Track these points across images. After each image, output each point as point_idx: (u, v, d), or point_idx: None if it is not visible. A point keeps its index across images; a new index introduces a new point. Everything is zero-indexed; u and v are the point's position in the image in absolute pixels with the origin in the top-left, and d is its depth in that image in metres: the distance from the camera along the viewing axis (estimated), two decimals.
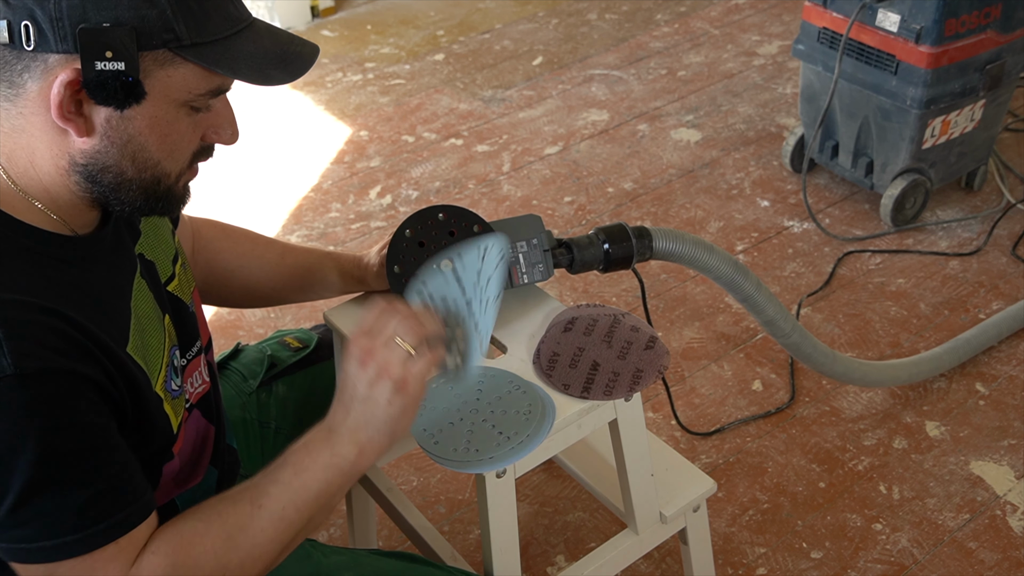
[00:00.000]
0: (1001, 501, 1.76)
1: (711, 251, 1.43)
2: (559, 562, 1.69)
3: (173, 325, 1.05)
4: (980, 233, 2.42)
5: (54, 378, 0.83)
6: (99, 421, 0.87)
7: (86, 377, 0.86)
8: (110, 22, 0.81)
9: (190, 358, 1.09)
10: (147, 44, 0.83)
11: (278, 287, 1.32)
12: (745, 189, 2.63)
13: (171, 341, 1.04)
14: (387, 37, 3.57)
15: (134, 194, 0.91)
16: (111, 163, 0.88)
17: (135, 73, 0.83)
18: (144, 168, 0.90)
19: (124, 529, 0.88)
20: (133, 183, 0.91)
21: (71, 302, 0.88)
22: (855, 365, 1.79)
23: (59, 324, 0.85)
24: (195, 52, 0.86)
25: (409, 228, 1.21)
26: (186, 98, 0.88)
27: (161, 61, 0.85)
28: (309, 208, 2.65)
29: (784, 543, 1.71)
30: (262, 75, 0.89)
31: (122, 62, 0.82)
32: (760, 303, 1.53)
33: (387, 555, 1.20)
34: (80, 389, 0.85)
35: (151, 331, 1.00)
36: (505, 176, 2.74)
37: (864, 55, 2.30)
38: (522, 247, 1.26)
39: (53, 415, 0.83)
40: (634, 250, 1.33)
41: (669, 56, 3.31)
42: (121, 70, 0.83)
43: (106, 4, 0.81)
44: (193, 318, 1.11)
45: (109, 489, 0.87)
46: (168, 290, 1.06)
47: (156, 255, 1.07)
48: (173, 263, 1.10)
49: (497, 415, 1.12)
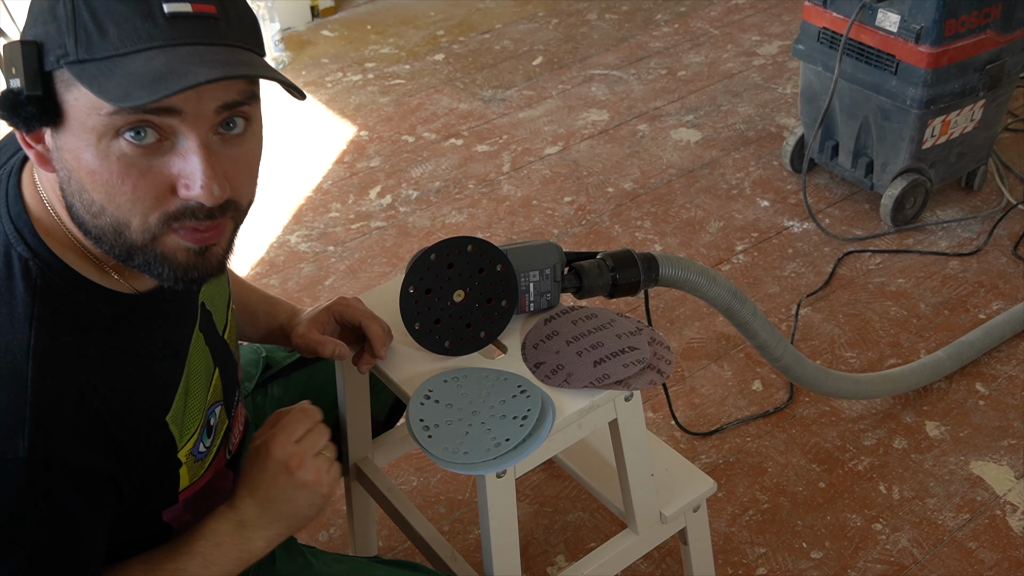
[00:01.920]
0: (1001, 501, 1.76)
1: (713, 280, 1.44)
2: (559, 562, 1.69)
3: (221, 379, 1.04)
4: (980, 233, 2.42)
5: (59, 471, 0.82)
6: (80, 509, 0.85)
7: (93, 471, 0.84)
8: (30, 38, 0.79)
9: (233, 411, 1.08)
10: (48, 62, 0.78)
11: None
12: (745, 189, 2.63)
13: (214, 398, 1.02)
14: (387, 37, 3.57)
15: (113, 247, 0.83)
16: (73, 202, 0.83)
17: (33, 90, 0.78)
18: (95, 213, 0.82)
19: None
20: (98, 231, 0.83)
21: (114, 372, 0.85)
22: (849, 382, 1.78)
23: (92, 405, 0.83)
24: (79, 69, 0.77)
25: (435, 253, 1.18)
26: (102, 124, 0.78)
27: (66, 82, 0.78)
28: (309, 208, 2.65)
29: (784, 543, 1.71)
30: (123, 94, 0.76)
31: (21, 78, 0.78)
32: (755, 328, 1.54)
33: (389, 564, 1.19)
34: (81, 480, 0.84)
35: (196, 392, 0.98)
36: (505, 176, 2.74)
37: (864, 55, 2.30)
38: (534, 276, 1.26)
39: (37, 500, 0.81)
40: (641, 279, 1.35)
41: (669, 56, 3.31)
42: (20, 87, 0.78)
43: (30, 20, 0.80)
44: (234, 365, 1.09)
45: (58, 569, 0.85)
46: (223, 337, 1.05)
47: (215, 304, 1.05)
48: (227, 308, 1.08)
49: (496, 419, 1.12)
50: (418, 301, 1.17)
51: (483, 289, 1.20)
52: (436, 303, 1.18)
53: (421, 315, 1.18)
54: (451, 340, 1.21)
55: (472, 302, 1.20)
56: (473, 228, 2.53)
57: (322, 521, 1.78)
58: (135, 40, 0.77)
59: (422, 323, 1.18)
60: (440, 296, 1.18)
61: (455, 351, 1.22)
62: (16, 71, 0.78)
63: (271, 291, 2.36)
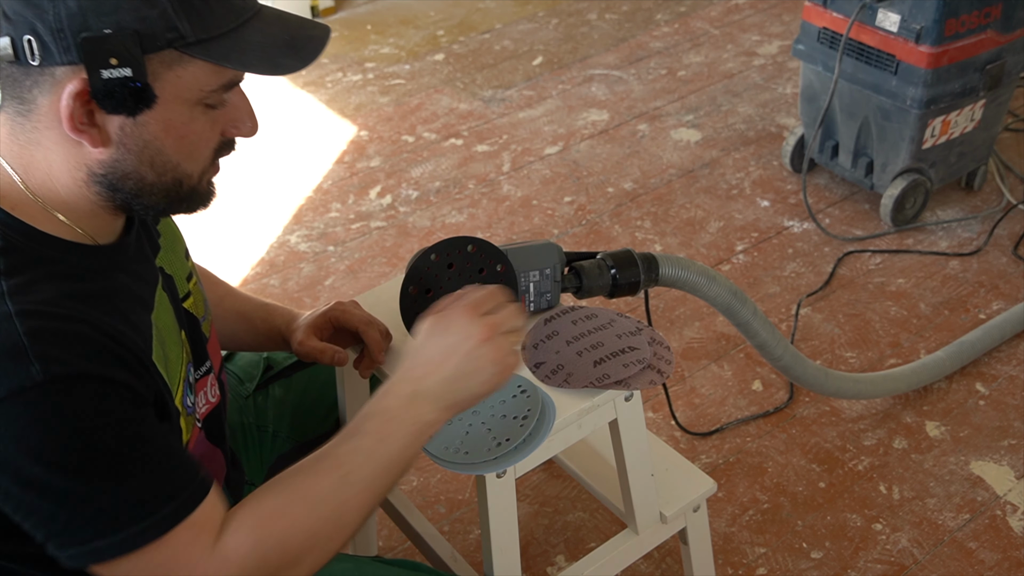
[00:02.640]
0: (1001, 501, 1.76)
1: (713, 280, 1.44)
2: (559, 562, 1.69)
3: (188, 342, 1.05)
4: (980, 233, 2.42)
5: (85, 383, 0.82)
6: (134, 414, 0.86)
7: (116, 381, 0.84)
8: (112, 28, 0.80)
9: (199, 376, 1.08)
10: (151, 46, 0.82)
11: None
12: (745, 189, 2.63)
13: (187, 357, 1.03)
14: (387, 37, 3.57)
15: (156, 198, 0.91)
16: (130, 170, 0.88)
17: (143, 78, 0.82)
18: (164, 172, 0.89)
19: (189, 508, 0.87)
20: (155, 187, 0.90)
21: (96, 311, 0.86)
22: (849, 382, 1.78)
23: (85, 330, 0.84)
24: (202, 49, 0.84)
25: (435, 253, 1.18)
26: (199, 96, 0.87)
27: (168, 62, 0.84)
28: (309, 208, 2.65)
29: (784, 543, 1.71)
30: (272, 64, 0.87)
31: (128, 68, 0.81)
32: (755, 328, 1.54)
33: (391, 563, 1.19)
34: (111, 391, 0.84)
35: (171, 344, 0.99)
36: (505, 176, 2.74)
37: (864, 55, 2.30)
38: (534, 276, 1.26)
39: (88, 417, 0.82)
40: (641, 279, 1.34)
41: (669, 56, 3.31)
42: (128, 76, 0.81)
43: (106, 10, 0.80)
44: (203, 339, 1.09)
45: (161, 475, 0.86)
46: (184, 307, 1.06)
47: (174, 270, 1.06)
48: (187, 280, 1.09)
49: (496, 419, 1.12)
50: (418, 301, 1.17)
51: None
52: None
53: (421, 315, 1.18)
54: None
55: None
56: (473, 228, 2.53)
57: None
58: (236, 14, 0.86)
59: None
60: (440, 296, 1.18)
61: None
62: (120, 61, 0.81)
63: (271, 291, 2.36)
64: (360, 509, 0.95)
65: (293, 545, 0.91)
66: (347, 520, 0.94)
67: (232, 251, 2.52)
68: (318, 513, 0.92)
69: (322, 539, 0.93)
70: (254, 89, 3.36)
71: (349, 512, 0.94)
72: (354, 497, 0.94)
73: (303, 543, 0.92)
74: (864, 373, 1.86)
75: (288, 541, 0.91)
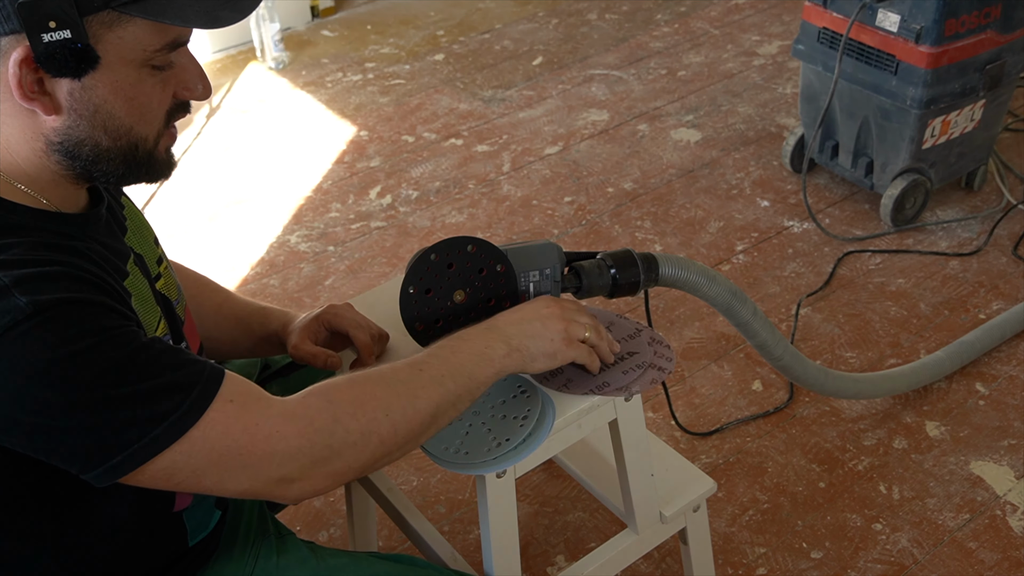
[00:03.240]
0: (1001, 501, 1.76)
1: (713, 280, 1.44)
2: (559, 562, 1.69)
3: (165, 319, 1.05)
4: (980, 233, 2.42)
5: (73, 305, 0.82)
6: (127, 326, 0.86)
7: (103, 304, 0.85)
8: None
9: None
10: (88, 7, 0.82)
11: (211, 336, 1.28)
12: (745, 189, 2.63)
13: (164, 330, 1.04)
14: (387, 37, 3.57)
15: (115, 164, 0.92)
16: (84, 136, 0.88)
17: (83, 38, 0.83)
18: (118, 136, 0.90)
19: (215, 385, 0.88)
20: (111, 153, 0.91)
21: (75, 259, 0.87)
22: (849, 382, 1.78)
23: (66, 270, 0.85)
24: (139, 7, 0.84)
25: (435, 253, 1.17)
26: (143, 56, 0.87)
27: (108, 23, 0.84)
28: (309, 208, 2.65)
29: (784, 543, 1.71)
30: (210, 17, 0.87)
31: (67, 29, 0.82)
32: (755, 328, 1.54)
33: (387, 558, 1.19)
34: (100, 310, 0.84)
35: (147, 313, 0.99)
36: (505, 176, 2.74)
37: (864, 55, 2.30)
38: (534, 276, 1.26)
39: (85, 334, 0.82)
40: (641, 279, 1.34)
41: (669, 56, 3.31)
42: (68, 38, 0.82)
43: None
44: (179, 320, 1.09)
45: (175, 366, 0.87)
46: (156, 287, 1.06)
47: (144, 251, 1.06)
48: (158, 264, 1.09)
49: (496, 419, 1.12)
50: (418, 301, 1.17)
51: (483, 289, 1.20)
52: (436, 303, 1.18)
53: (421, 315, 1.18)
54: None
55: (472, 302, 1.20)
56: (473, 228, 2.53)
57: (322, 521, 1.78)
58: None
59: (422, 323, 1.18)
60: (440, 296, 1.18)
61: None
62: (58, 23, 0.81)
63: (271, 291, 2.36)
64: (429, 402, 0.99)
65: (366, 411, 0.95)
66: (418, 407, 0.98)
67: (232, 251, 2.52)
68: (393, 391, 0.97)
69: (394, 414, 0.96)
70: (252, 88, 3.36)
71: (420, 400, 0.99)
72: (425, 387, 0.99)
73: (375, 412, 0.95)
74: (864, 373, 1.86)
75: (361, 407, 0.95)
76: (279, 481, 0.92)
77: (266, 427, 0.90)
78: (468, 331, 1.08)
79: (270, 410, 0.91)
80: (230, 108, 3.11)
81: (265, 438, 0.89)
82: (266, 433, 0.90)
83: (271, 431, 0.90)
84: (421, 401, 0.99)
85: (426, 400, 0.99)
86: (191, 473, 0.88)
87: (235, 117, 3.06)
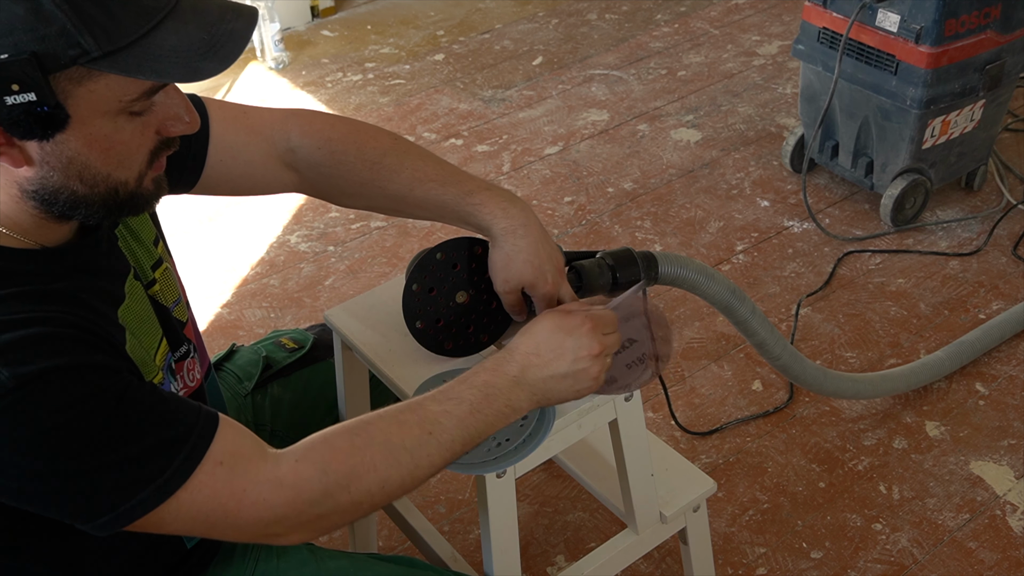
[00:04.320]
0: (1001, 501, 1.76)
1: (712, 278, 1.44)
2: (559, 562, 1.69)
3: (163, 328, 1.04)
4: (980, 233, 2.42)
5: (57, 375, 0.80)
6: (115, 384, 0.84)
7: (88, 365, 0.82)
8: (8, 52, 0.75)
9: (178, 359, 1.07)
10: (54, 66, 0.76)
11: (390, 209, 1.24)
12: (745, 189, 2.63)
13: (165, 348, 1.02)
14: (387, 37, 3.57)
15: (94, 208, 0.87)
16: (59, 186, 0.84)
17: (49, 100, 0.77)
18: (95, 184, 0.85)
19: (204, 445, 0.86)
20: (89, 199, 0.86)
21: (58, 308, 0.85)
22: (848, 382, 1.78)
23: (48, 330, 0.82)
24: (110, 62, 0.77)
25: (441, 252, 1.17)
26: (118, 107, 0.82)
27: (78, 78, 0.78)
28: (309, 208, 2.65)
29: (784, 543, 1.71)
30: (189, 70, 0.80)
31: (31, 92, 0.76)
32: (753, 327, 1.55)
33: (387, 560, 1.19)
34: (86, 374, 0.82)
35: (145, 334, 0.98)
36: (505, 176, 2.74)
37: (864, 55, 2.30)
38: None
39: (71, 405, 0.80)
40: (641, 277, 1.35)
41: (669, 56, 3.31)
42: (33, 100, 0.77)
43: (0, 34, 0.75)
44: (179, 325, 1.08)
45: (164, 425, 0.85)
46: (149, 294, 1.04)
47: (137, 259, 1.04)
48: (153, 269, 1.07)
49: None
50: (421, 299, 1.17)
51: (486, 292, 1.20)
52: (439, 303, 1.18)
53: (423, 314, 1.18)
54: (452, 342, 1.21)
55: (475, 304, 1.20)
56: None
57: None
58: (146, 17, 0.79)
59: (424, 322, 1.18)
60: (443, 296, 1.18)
61: (455, 353, 1.22)
62: (21, 87, 0.76)
63: (271, 291, 2.36)
64: (432, 468, 0.97)
65: (360, 485, 0.92)
66: (418, 475, 0.96)
67: (232, 251, 2.52)
68: (395, 460, 0.94)
69: (389, 486, 0.94)
70: (251, 87, 3.35)
71: (422, 468, 0.96)
72: (431, 456, 0.96)
73: (370, 486, 0.93)
74: (862, 373, 1.86)
75: (356, 481, 0.92)
76: (266, 535, 0.92)
77: (254, 494, 0.88)
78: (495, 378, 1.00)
79: (260, 475, 0.89)
80: None
81: (252, 504, 0.88)
82: (253, 500, 0.88)
83: (259, 499, 0.88)
84: (423, 470, 0.96)
85: (428, 467, 0.96)
86: (180, 526, 0.88)
87: None
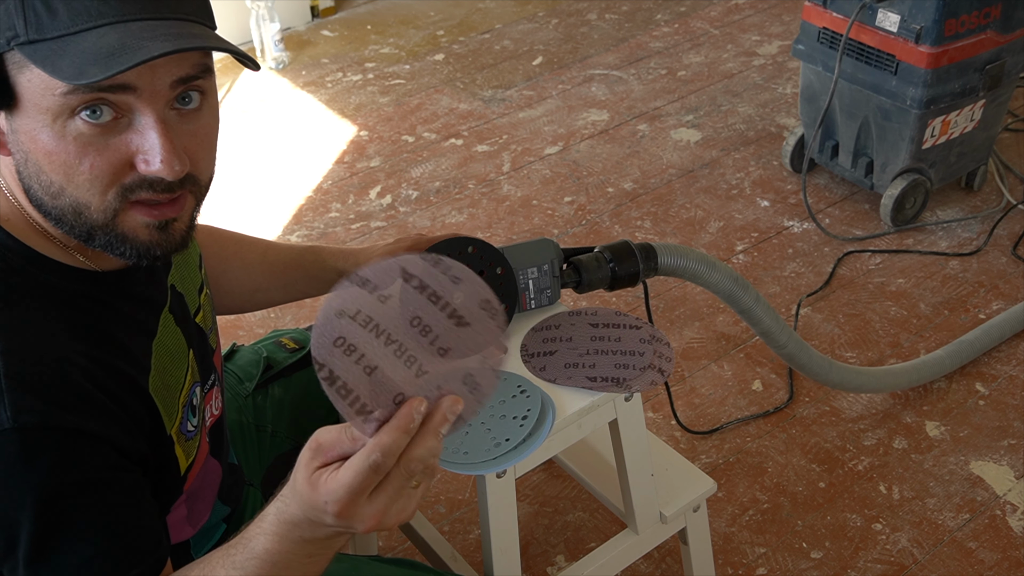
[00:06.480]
0: (1001, 501, 1.76)
1: (713, 266, 1.43)
2: (559, 562, 1.69)
3: (195, 360, 1.03)
4: (980, 233, 2.42)
5: (53, 435, 0.80)
6: (104, 476, 0.83)
7: (89, 434, 0.82)
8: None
9: (207, 390, 1.07)
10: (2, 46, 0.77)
11: (261, 287, 1.27)
12: (745, 189, 2.63)
13: (193, 378, 1.02)
14: (387, 37, 3.57)
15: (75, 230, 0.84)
16: (31, 183, 0.82)
17: None
18: (54, 195, 0.82)
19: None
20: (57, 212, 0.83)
21: (89, 345, 0.85)
22: (852, 374, 1.78)
23: (72, 374, 0.82)
24: (31, 50, 0.77)
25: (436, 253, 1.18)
26: (57, 104, 0.77)
27: (19, 64, 0.78)
28: (309, 208, 2.65)
29: (784, 543, 1.71)
30: (76, 72, 0.76)
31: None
32: (758, 315, 1.54)
33: (389, 562, 1.19)
34: (82, 445, 0.82)
35: (173, 370, 0.97)
36: (505, 176, 2.74)
37: (864, 55, 2.30)
38: (532, 273, 1.26)
39: (53, 471, 0.80)
40: (640, 269, 1.34)
41: (669, 56, 3.31)
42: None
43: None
44: (211, 352, 1.08)
45: (119, 545, 0.84)
46: (195, 322, 1.04)
47: (186, 287, 1.04)
48: (199, 292, 1.07)
49: (496, 419, 1.12)
50: None
51: None
52: None
53: None
54: None
55: None
56: (473, 228, 2.53)
57: None
58: (85, 18, 0.77)
59: None
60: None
61: None
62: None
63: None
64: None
65: None
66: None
67: None
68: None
69: None
70: (250, 87, 3.36)
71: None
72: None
73: None
74: (866, 367, 1.86)
75: None
76: None
77: None
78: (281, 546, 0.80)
79: None
80: (230, 108, 3.11)
81: None
82: None
83: None
84: None
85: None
86: None
87: (235, 117, 3.06)
